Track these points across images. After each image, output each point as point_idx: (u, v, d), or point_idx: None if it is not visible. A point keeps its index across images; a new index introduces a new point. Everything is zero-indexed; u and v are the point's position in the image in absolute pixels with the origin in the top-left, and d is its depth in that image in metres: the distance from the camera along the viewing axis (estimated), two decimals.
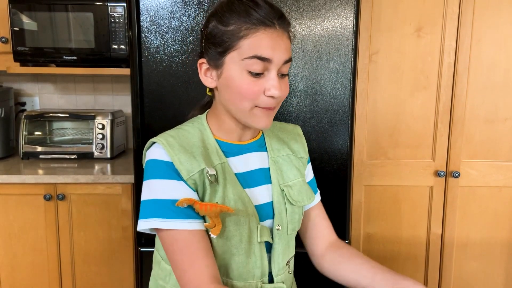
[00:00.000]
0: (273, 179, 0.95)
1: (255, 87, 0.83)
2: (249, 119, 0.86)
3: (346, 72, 1.41)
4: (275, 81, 0.83)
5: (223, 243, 0.86)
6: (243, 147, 0.94)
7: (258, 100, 0.84)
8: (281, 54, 0.83)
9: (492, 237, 1.92)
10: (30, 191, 1.84)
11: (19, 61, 2.03)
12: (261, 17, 0.81)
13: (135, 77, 1.42)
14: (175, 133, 0.90)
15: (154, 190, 0.84)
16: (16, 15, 1.97)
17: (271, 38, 0.82)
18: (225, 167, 0.89)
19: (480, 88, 1.82)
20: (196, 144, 0.88)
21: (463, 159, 1.86)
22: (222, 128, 0.92)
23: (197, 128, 0.92)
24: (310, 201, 1.00)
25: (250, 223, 0.88)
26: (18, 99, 2.37)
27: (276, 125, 1.05)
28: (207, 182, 0.85)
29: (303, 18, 1.38)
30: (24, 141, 2.10)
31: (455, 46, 1.79)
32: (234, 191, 0.87)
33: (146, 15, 1.38)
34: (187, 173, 0.84)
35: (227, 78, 0.85)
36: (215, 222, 0.84)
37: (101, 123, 2.08)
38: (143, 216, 0.84)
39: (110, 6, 1.96)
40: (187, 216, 0.82)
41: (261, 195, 0.93)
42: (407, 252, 1.94)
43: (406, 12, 1.77)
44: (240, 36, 0.82)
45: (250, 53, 0.81)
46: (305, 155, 1.05)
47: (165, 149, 0.85)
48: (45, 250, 1.88)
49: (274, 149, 0.98)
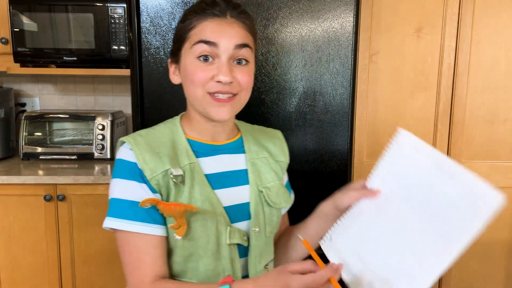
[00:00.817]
0: (250, 180, 0.94)
1: (204, 72, 0.84)
2: (205, 107, 0.87)
3: (346, 73, 1.41)
4: (224, 66, 0.84)
5: (190, 245, 0.85)
6: (216, 148, 0.93)
7: (208, 85, 0.85)
8: (228, 38, 0.84)
9: (492, 238, 1.92)
10: (30, 191, 1.84)
11: (19, 61, 2.03)
12: (213, 10, 0.86)
13: (135, 78, 1.42)
14: (145, 132, 0.91)
15: (115, 190, 0.85)
16: (16, 16, 1.97)
17: (217, 24, 0.85)
18: (194, 167, 0.88)
19: (480, 88, 1.82)
20: (165, 144, 0.88)
21: (463, 160, 1.86)
22: (194, 128, 0.92)
23: (168, 128, 0.92)
24: (287, 204, 1.00)
25: (218, 225, 0.86)
26: (18, 100, 2.37)
27: (256, 128, 1.05)
28: (171, 183, 0.84)
29: (303, 18, 1.38)
30: (24, 141, 2.10)
31: (455, 47, 1.79)
32: (201, 191, 0.86)
33: (146, 16, 1.38)
34: (151, 173, 0.84)
35: (183, 69, 0.88)
36: (180, 223, 0.83)
37: (101, 123, 2.08)
38: (108, 214, 0.85)
39: (110, 7, 1.96)
40: (145, 220, 0.82)
41: (236, 196, 0.92)
42: None
43: (406, 12, 1.78)
44: (190, 27, 0.86)
45: (196, 39, 0.85)
46: (285, 158, 1.03)
47: (132, 148, 0.85)
48: (45, 250, 1.88)
49: (252, 151, 0.97)
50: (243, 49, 0.86)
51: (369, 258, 0.81)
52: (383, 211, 0.83)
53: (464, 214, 0.74)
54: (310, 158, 1.46)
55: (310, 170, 1.48)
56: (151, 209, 0.82)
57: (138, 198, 0.82)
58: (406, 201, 0.81)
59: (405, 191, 0.82)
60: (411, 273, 0.75)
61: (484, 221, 0.72)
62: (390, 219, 0.82)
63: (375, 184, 0.87)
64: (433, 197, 0.78)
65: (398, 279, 0.76)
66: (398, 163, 0.86)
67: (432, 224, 0.76)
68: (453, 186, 0.77)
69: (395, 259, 0.78)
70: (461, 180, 0.77)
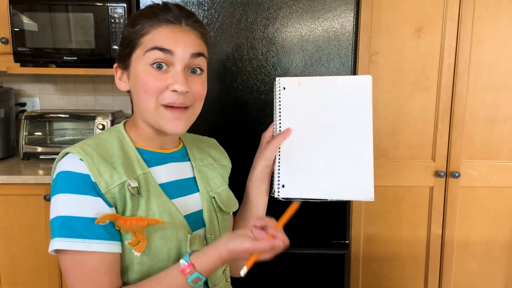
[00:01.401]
0: (200, 188, 0.92)
1: (158, 81, 0.81)
2: (156, 120, 0.83)
3: (346, 73, 1.41)
4: (179, 75, 0.81)
5: (149, 260, 0.80)
6: (166, 156, 0.90)
7: (161, 96, 0.81)
8: (184, 47, 0.82)
9: (493, 238, 1.92)
10: (31, 191, 1.84)
11: (19, 61, 2.03)
12: (167, 16, 0.83)
13: None
14: (92, 142, 0.83)
15: (63, 206, 0.75)
16: (17, 15, 1.97)
17: (172, 31, 0.82)
18: (148, 177, 0.83)
19: (480, 88, 1.82)
20: (116, 153, 0.82)
21: (463, 160, 1.86)
22: (142, 136, 0.88)
23: (115, 137, 0.86)
24: (236, 207, 1.01)
25: (178, 235, 0.83)
26: (18, 100, 2.37)
27: (193, 137, 1.04)
28: (128, 195, 0.79)
29: (303, 18, 1.38)
30: (25, 141, 2.10)
31: (455, 47, 1.79)
32: (158, 202, 0.82)
33: None
34: (106, 186, 0.77)
35: (134, 76, 0.84)
36: (139, 238, 0.77)
37: (101, 123, 2.08)
38: (55, 234, 0.75)
39: (110, 7, 1.96)
40: (103, 237, 0.75)
41: (190, 204, 0.89)
42: (407, 252, 1.94)
43: (406, 12, 1.77)
44: (143, 33, 0.83)
45: (150, 45, 0.81)
46: (228, 163, 1.05)
47: (83, 159, 0.77)
48: (46, 250, 1.88)
49: (197, 159, 0.96)
50: (198, 58, 0.84)
51: (317, 174, 1.00)
52: (303, 138, 1.01)
53: (356, 103, 1.00)
54: None
55: None
56: (108, 224, 0.76)
57: (94, 214, 0.75)
58: (314, 122, 1.01)
59: (310, 115, 1.01)
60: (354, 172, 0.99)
61: (370, 95, 1.00)
62: (312, 140, 1.01)
63: (284, 126, 1.03)
64: (330, 106, 1.01)
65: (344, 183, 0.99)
66: (292, 101, 1.03)
67: (342, 121, 1.00)
68: (337, 91, 1.01)
69: (334, 164, 1.00)
70: (339, 83, 1.02)
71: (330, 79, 1.04)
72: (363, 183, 0.98)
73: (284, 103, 1.03)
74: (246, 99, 1.39)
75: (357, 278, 1.96)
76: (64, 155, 0.82)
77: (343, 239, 1.50)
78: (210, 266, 0.77)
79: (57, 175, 0.79)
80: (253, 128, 1.40)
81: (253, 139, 1.11)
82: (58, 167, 0.80)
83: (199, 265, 0.76)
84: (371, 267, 1.95)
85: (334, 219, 1.48)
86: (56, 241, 0.75)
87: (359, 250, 1.93)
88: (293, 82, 1.03)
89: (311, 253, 1.48)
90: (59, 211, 0.76)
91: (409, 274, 1.95)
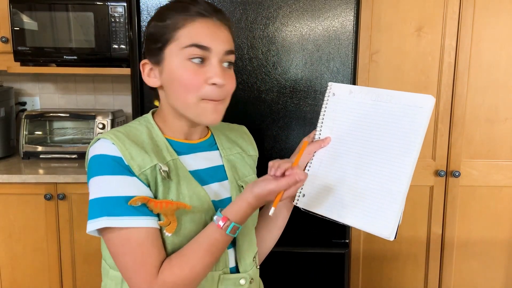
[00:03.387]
0: (229, 176, 0.94)
1: (197, 76, 0.82)
2: (197, 114, 0.85)
3: (346, 72, 1.41)
4: (217, 68, 0.83)
5: (179, 241, 0.83)
6: (193, 146, 0.92)
7: (202, 90, 0.83)
8: (220, 43, 0.83)
9: (492, 237, 1.92)
10: (31, 190, 1.84)
11: (19, 60, 2.03)
12: (198, 9, 0.83)
13: (136, 77, 1.42)
14: (123, 129, 0.86)
15: (103, 187, 0.79)
16: (17, 14, 1.97)
17: (208, 27, 0.83)
18: (177, 163, 0.86)
19: (481, 88, 1.82)
20: (146, 140, 0.86)
21: (463, 159, 1.86)
22: (169, 128, 0.90)
23: (144, 126, 0.89)
24: None
25: (207, 218, 0.86)
26: (19, 99, 2.37)
27: (223, 125, 1.04)
28: (159, 178, 0.82)
29: (303, 17, 1.38)
30: (25, 140, 2.10)
31: (455, 46, 1.79)
32: (188, 187, 0.85)
33: (147, 15, 1.38)
34: (139, 169, 0.80)
35: (169, 72, 0.84)
36: (170, 219, 0.81)
37: (101, 122, 2.08)
38: (92, 216, 0.79)
39: (110, 6, 1.96)
40: (142, 213, 0.79)
41: (219, 191, 0.92)
42: (407, 251, 1.94)
43: (406, 11, 1.77)
44: (178, 27, 0.83)
45: (188, 42, 0.82)
46: (255, 152, 1.05)
47: (114, 143, 0.80)
48: (46, 249, 1.88)
49: (226, 148, 0.98)
50: (231, 55, 0.87)
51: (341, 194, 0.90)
52: (339, 152, 0.93)
53: (409, 123, 0.85)
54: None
55: None
56: (141, 205, 0.79)
57: (133, 193, 0.79)
58: (356, 136, 0.91)
59: (353, 128, 0.92)
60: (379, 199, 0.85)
61: (427, 120, 0.83)
62: (348, 156, 0.91)
63: (324, 134, 0.96)
64: (379, 124, 0.88)
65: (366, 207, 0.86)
66: (339, 109, 0.95)
67: (386, 142, 0.87)
68: (391, 107, 0.88)
69: (361, 187, 0.88)
70: (396, 99, 0.88)
71: (386, 92, 0.90)
72: (385, 218, 0.83)
73: (329, 110, 0.97)
74: (246, 98, 1.40)
75: (357, 277, 1.96)
76: (96, 141, 0.84)
77: (343, 238, 1.50)
78: (242, 214, 0.81)
79: (91, 159, 0.82)
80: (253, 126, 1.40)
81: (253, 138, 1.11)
82: (91, 151, 0.83)
83: (232, 216, 0.81)
84: (371, 266, 1.95)
85: None
86: (103, 220, 0.77)
87: (359, 249, 1.94)
88: (344, 89, 0.95)
89: (311, 252, 1.48)
90: (100, 192, 0.79)
91: (409, 273, 1.96)
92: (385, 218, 0.83)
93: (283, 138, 1.44)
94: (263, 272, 1.11)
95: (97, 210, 0.78)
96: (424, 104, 0.84)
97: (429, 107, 0.83)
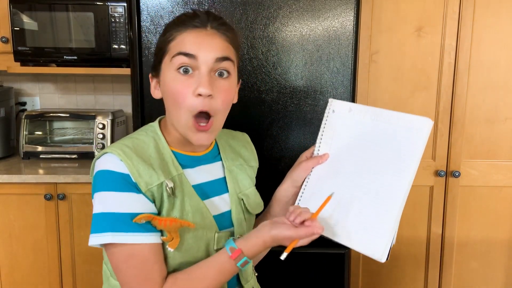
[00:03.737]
0: (230, 189, 0.94)
1: (184, 86, 0.82)
2: (186, 132, 0.85)
3: (346, 72, 1.41)
4: (203, 78, 0.81)
5: (180, 256, 0.85)
6: (197, 159, 0.92)
7: (190, 102, 0.82)
8: (209, 50, 0.82)
9: (493, 237, 1.92)
10: (31, 190, 1.84)
11: (19, 61, 2.03)
12: (193, 22, 0.84)
13: (136, 77, 1.42)
14: (130, 142, 0.86)
15: (109, 203, 0.80)
16: (17, 15, 1.97)
17: (196, 36, 0.83)
18: (182, 178, 0.87)
19: (481, 88, 1.82)
20: (153, 155, 0.86)
21: (463, 159, 1.86)
22: (174, 140, 0.90)
23: (151, 138, 0.89)
24: (261, 209, 1.02)
25: (207, 234, 0.87)
26: (19, 99, 2.37)
27: (226, 133, 1.04)
28: (165, 195, 0.83)
29: (304, 17, 1.38)
30: (25, 140, 2.10)
31: (455, 46, 1.79)
32: (191, 203, 0.86)
33: (147, 15, 1.38)
34: (146, 186, 0.81)
35: (164, 84, 0.86)
36: (173, 235, 0.83)
37: (101, 122, 2.08)
38: (96, 230, 0.80)
39: (110, 6, 1.96)
40: (145, 230, 0.80)
41: (219, 205, 0.92)
42: (407, 251, 1.94)
43: (406, 12, 1.77)
44: (170, 40, 0.84)
45: (175, 51, 0.83)
46: (255, 163, 1.05)
47: (122, 160, 0.81)
48: (46, 249, 1.88)
49: (229, 159, 0.98)
50: (224, 62, 0.84)
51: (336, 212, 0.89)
52: (336, 169, 0.93)
53: (406, 145, 0.85)
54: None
55: None
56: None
57: (138, 210, 0.80)
58: (354, 153, 0.91)
59: (351, 146, 0.92)
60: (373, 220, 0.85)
61: (424, 142, 0.83)
62: (344, 174, 0.91)
63: (322, 150, 0.97)
64: (376, 143, 0.89)
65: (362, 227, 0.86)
66: (338, 126, 0.95)
67: (382, 162, 0.87)
68: (389, 128, 0.88)
69: (355, 207, 0.88)
70: (395, 119, 0.87)
71: (385, 112, 0.89)
72: (377, 240, 0.83)
73: (329, 126, 0.97)
74: (246, 98, 1.40)
75: (357, 278, 1.96)
76: (102, 154, 0.84)
77: None
78: (256, 251, 0.83)
79: (97, 173, 0.83)
80: (253, 127, 1.40)
81: (253, 138, 1.11)
82: (97, 165, 0.84)
83: (247, 250, 0.82)
84: (371, 267, 1.95)
85: None
86: (107, 236, 0.79)
87: None
88: (344, 107, 0.95)
89: (311, 252, 1.48)
90: (106, 207, 0.80)
91: (409, 273, 1.96)
92: (378, 239, 0.83)
93: (283, 138, 1.44)
94: (262, 272, 1.11)
95: (102, 225, 0.80)
96: (422, 126, 0.84)
97: (427, 130, 0.83)
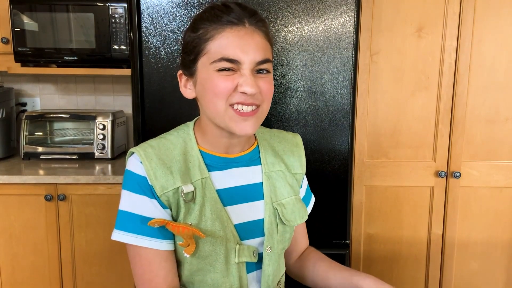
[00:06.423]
0: (265, 196, 0.90)
1: (227, 82, 0.79)
2: (227, 123, 0.81)
3: (346, 73, 1.41)
4: (248, 77, 0.79)
5: (198, 262, 0.84)
6: (229, 161, 0.89)
7: (231, 97, 0.80)
8: (251, 54, 0.79)
9: (493, 238, 1.92)
10: (31, 191, 1.84)
11: (20, 61, 2.03)
12: (229, 17, 0.79)
13: (136, 78, 1.42)
14: (157, 143, 0.86)
15: (126, 202, 0.83)
16: (17, 15, 1.97)
17: (238, 36, 0.79)
18: (206, 183, 0.85)
19: (481, 88, 1.82)
20: (177, 157, 0.85)
21: (464, 160, 1.86)
22: (207, 140, 0.88)
23: (181, 138, 0.88)
24: (302, 220, 0.96)
25: (227, 244, 0.84)
26: (19, 100, 2.37)
27: (274, 134, 0.99)
28: (181, 200, 0.82)
29: (304, 18, 1.38)
30: (25, 141, 2.10)
31: (456, 47, 1.79)
32: (212, 209, 0.84)
33: (147, 16, 1.38)
34: (161, 190, 0.81)
35: (201, 82, 0.82)
36: (188, 241, 0.82)
37: (102, 123, 2.08)
38: (116, 225, 0.84)
39: (111, 7, 1.96)
40: (155, 235, 0.81)
41: (250, 212, 0.89)
42: (408, 252, 1.94)
43: (406, 12, 1.77)
44: (207, 38, 0.80)
45: (217, 56, 0.79)
46: (301, 170, 0.99)
47: (142, 162, 0.82)
48: (46, 250, 1.88)
49: (269, 163, 0.93)
50: (265, 64, 0.82)
51: None
52: None
53: None
54: (311, 158, 1.46)
55: (310, 170, 1.48)
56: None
57: (148, 214, 0.81)
58: None
59: None
60: None
61: None
62: None
63: None
64: None
65: None
66: None
67: None
68: None
69: None
70: None
71: None
72: None
73: None
74: None
75: None
76: (130, 154, 0.87)
77: (344, 239, 1.49)
78: None
79: (125, 172, 0.86)
80: None
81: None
82: (127, 164, 0.86)
83: None
84: (371, 267, 1.95)
85: (335, 219, 1.48)
86: (118, 233, 0.82)
87: (359, 250, 1.93)
88: None
89: None
90: (123, 205, 0.83)
91: (410, 274, 1.95)
92: None
93: None
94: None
95: (118, 221, 0.83)
96: None
97: None
